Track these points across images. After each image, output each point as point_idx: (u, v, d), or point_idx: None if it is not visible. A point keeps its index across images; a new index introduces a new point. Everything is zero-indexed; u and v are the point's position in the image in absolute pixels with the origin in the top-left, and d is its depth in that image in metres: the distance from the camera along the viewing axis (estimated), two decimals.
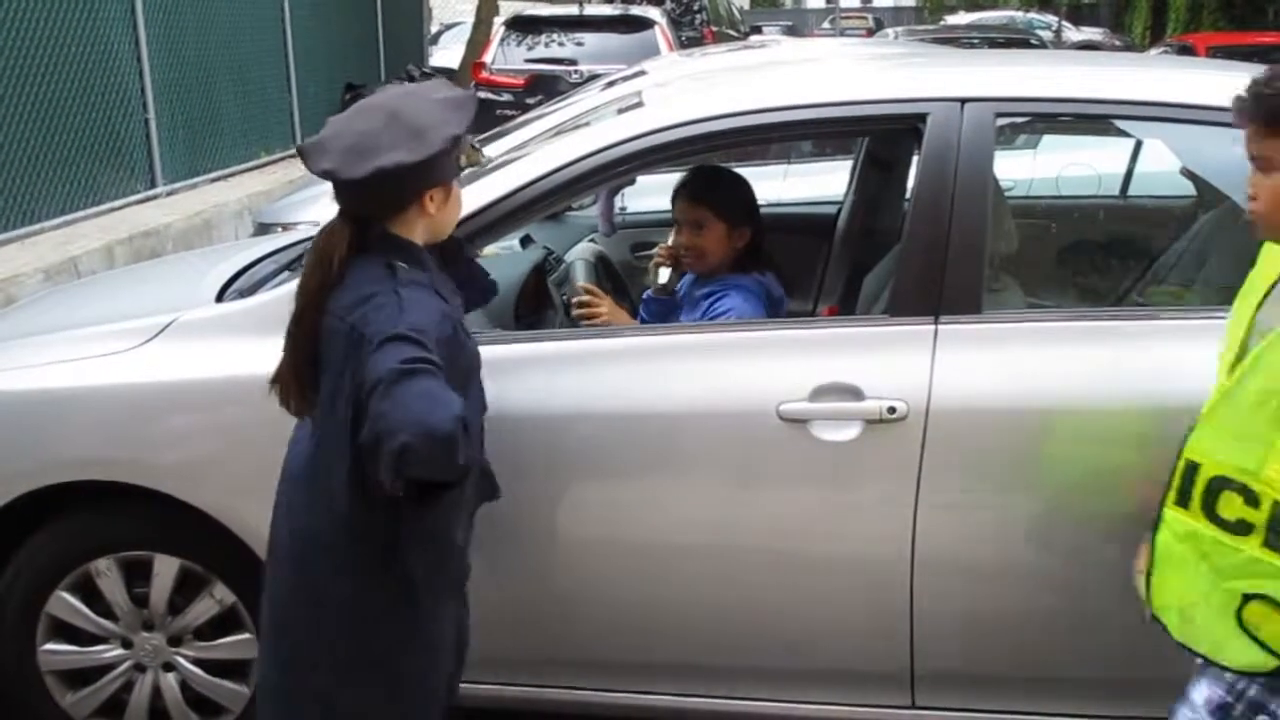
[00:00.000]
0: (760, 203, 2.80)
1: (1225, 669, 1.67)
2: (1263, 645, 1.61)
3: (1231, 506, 1.61)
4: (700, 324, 2.55)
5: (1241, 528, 1.60)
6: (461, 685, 2.21)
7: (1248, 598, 1.61)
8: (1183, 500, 1.68)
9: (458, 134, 1.85)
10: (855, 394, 2.17)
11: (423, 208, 1.89)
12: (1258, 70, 1.69)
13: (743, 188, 2.77)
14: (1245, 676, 1.67)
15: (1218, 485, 1.62)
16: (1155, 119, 2.41)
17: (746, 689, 2.43)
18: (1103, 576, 2.09)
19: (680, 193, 2.75)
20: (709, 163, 2.99)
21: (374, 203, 1.86)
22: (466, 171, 2.01)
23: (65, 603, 2.49)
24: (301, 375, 1.88)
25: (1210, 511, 1.63)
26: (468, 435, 1.70)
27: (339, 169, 1.80)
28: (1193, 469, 1.66)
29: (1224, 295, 1.87)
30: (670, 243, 2.80)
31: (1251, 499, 1.58)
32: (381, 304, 1.78)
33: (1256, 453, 1.58)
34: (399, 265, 1.84)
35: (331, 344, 1.83)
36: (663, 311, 2.83)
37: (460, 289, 2.05)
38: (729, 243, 2.70)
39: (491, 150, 3.13)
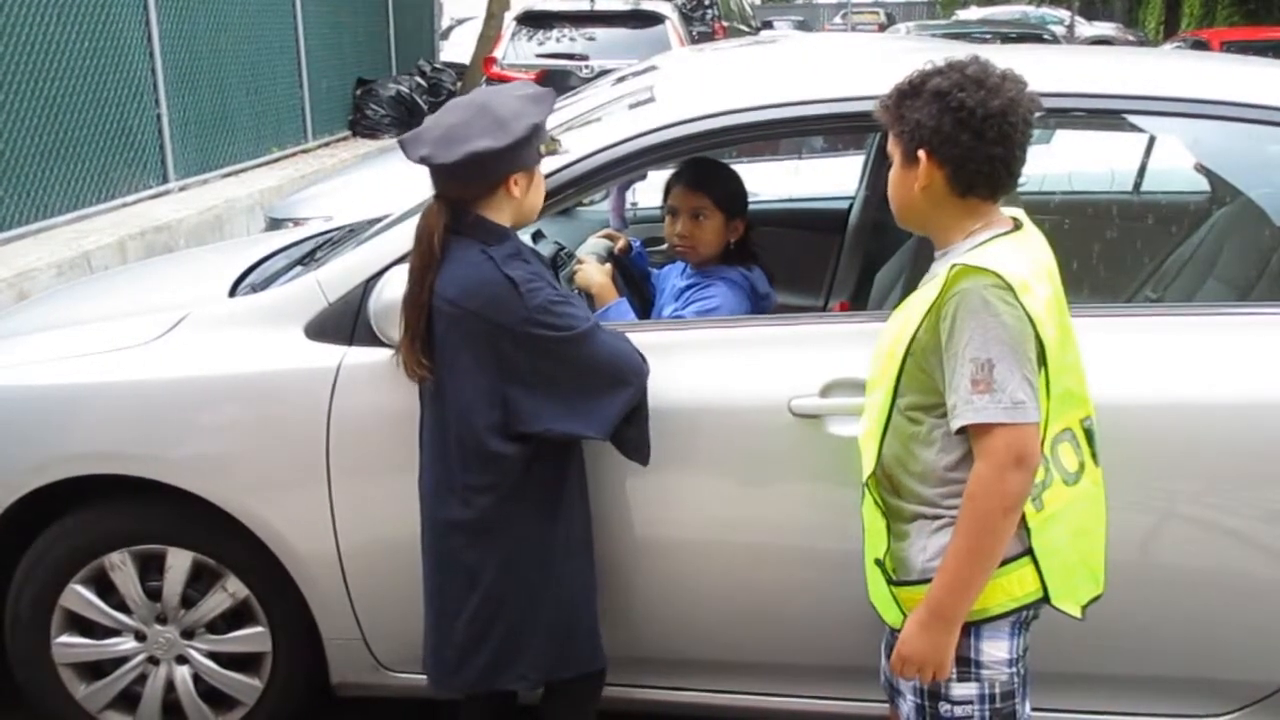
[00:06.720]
0: (771, 198, 2.79)
1: None
2: None
3: None
4: (713, 319, 2.54)
5: None
6: None
7: None
8: None
9: (537, 122, 2.04)
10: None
11: (509, 191, 2.07)
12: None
13: (738, 181, 2.77)
14: None
15: None
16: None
17: (757, 684, 2.43)
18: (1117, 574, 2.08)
19: (678, 180, 2.74)
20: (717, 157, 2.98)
21: (465, 187, 2.06)
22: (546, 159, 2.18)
23: (79, 596, 2.50)
24: (416, 347, 2.07)
25: None
26: None
27: (433, 155, 2.01)
28: None
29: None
30: (666, 232, 2.78)
31: None
32: (497, 292, 1.98)
33: None
34: (492, 249, 2.02)
35: (447, 325, 2.03)
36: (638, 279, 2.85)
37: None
38: (724, 234, 2.69)
39: None
